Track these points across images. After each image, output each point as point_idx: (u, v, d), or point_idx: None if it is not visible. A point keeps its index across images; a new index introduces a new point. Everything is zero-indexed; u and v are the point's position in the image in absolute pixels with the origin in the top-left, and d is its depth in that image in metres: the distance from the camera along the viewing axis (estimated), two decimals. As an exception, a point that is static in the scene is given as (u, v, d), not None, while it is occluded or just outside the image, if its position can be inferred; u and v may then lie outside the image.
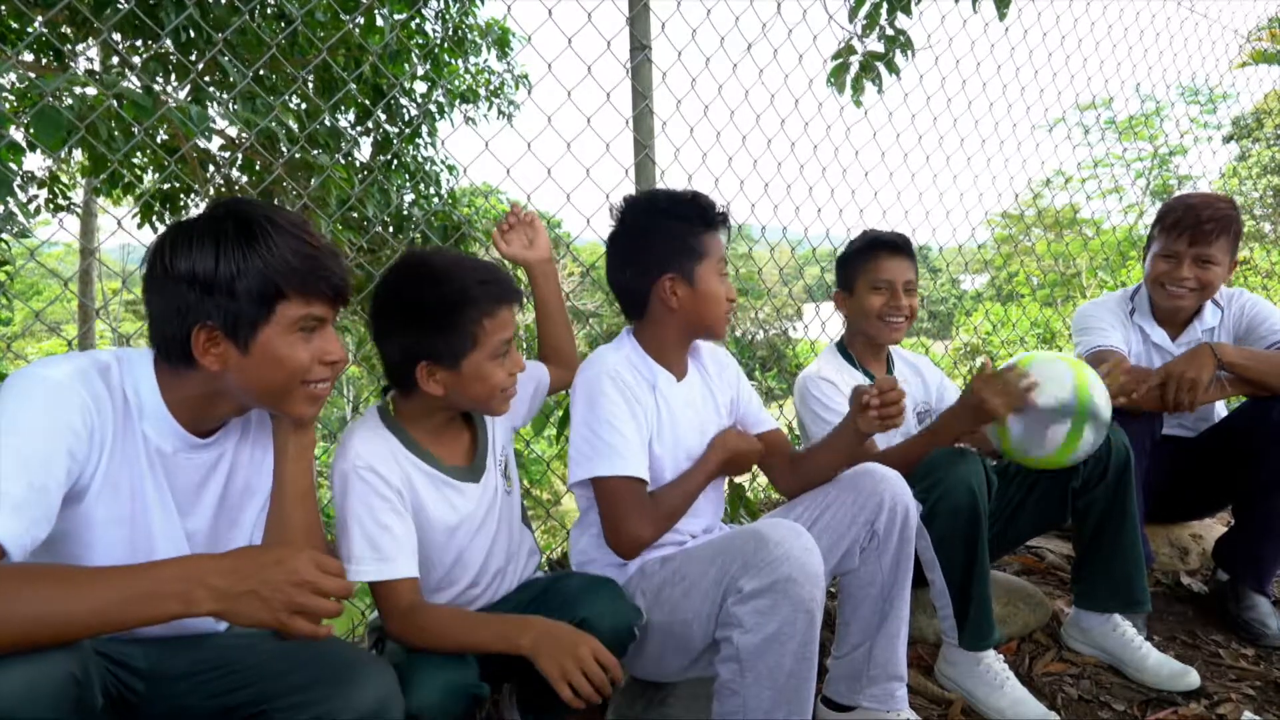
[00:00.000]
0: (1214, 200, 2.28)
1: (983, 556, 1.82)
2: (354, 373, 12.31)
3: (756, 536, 1.40)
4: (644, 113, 2.54)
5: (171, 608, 0.94)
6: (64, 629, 0.91)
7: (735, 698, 1.40)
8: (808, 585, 1.35)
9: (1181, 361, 2.12)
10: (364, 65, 4.44)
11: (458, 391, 1.44)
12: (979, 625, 1.84)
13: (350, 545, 1.36)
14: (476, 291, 1.39)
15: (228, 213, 1.14)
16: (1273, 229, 8.52)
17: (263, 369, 1.17)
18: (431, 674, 1.28)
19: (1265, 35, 7.15)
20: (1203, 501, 2.53)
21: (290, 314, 1.16)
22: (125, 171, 3.63)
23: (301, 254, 1.15)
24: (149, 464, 1.19)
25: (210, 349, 1.14)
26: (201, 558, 1.02)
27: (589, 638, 1.30)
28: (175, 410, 1.20)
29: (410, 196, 5.71)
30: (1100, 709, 1.90)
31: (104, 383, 1.14)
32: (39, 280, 13.69)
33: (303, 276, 1.15)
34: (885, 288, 2.10)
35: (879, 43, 3.00)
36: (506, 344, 1.44)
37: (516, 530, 1.67)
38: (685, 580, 1.51)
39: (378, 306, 1.45)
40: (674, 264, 1.66)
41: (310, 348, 1.20)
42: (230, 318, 1.13)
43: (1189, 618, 2.37)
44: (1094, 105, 5.13)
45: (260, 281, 1.12)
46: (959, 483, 1.77)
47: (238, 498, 1.31)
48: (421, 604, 1.39)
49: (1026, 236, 6.60)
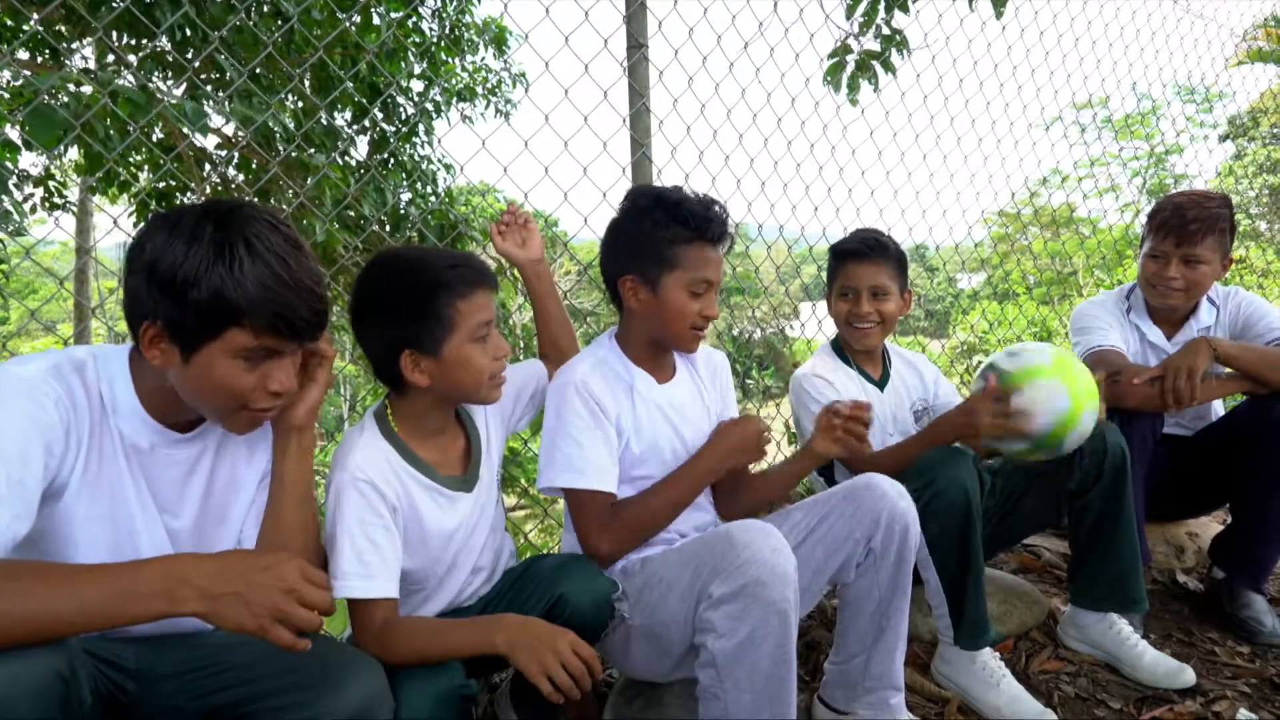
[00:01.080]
0: (1203, 199, 2.28)
1: (976, 556, 1.82)
2: (351, 371, 12.30)
3: (726, 539, 1.40)
4: (640, 111, 2.54)
5: (156, 606, 0.93)
6: (48, 627, 0.90)
7: (717, 702, 1.40)
8: (777, 586, 1.34)
9: (1178, 355, 2.13)
10: (360, 63, 4.43)
11: (444, 380, 1.43)
12: (974, 624, 1.85)
13: (338, 560, 1.34)
14: (448, 276, 1.40)
15: (216, 218, 1.09)
16: (1269, 228, 8.54)
17: (199, 383, 1.13)
18: (418, 685, 1.27)
19: (1261, 34, 7.17)
20: (1200, 500, 2.53)
21: (238, 341, 1.11)
22: (121, 170, 3.62)
23: (267, 286, 1.09)
24: (127, 461, 1.19)
25: (154, 345, 1.11)
26: (189, 557, 1.01)
27: (565, 631, 1.29)
28: (147, 404, 1.19)
29: (407, 195, 5.70)
30: (1096, 707, 1.90)
31: (79, 379, 1.14)
32: (35, 279, 13.68)
33: (261, 310, 1.09)
34: (850, 294, 2.10)
35: (875, 41, 3.00)
36: (485, 326, 1.43)
37: (500, 533, 1.67)
38: (662, 584, 1.50)
39: (355, 306, 1.45)
40: (638, 266, 1.62)
41: (254, 375, 1.15)
42: (175, 324, 1.09)
43: (1185, 616, 2.37)
44: (1090, 104, 5.12)
45: (214, 300, 1.07)
46: (952, 482, 1.77)
47: (223, 494, 1.30)
48: (394, 621, 1.37)
49: (1023, 235, 6.60)
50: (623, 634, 1.59)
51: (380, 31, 4.66)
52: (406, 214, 5.15)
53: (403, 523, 1.43)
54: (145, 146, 4.31)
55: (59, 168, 5.08)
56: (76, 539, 1.15)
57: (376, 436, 1.46)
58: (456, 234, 4.52)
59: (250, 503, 1.33)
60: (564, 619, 1.43)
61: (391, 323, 1.41)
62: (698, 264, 1.60)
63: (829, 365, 2.16)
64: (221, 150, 4.60)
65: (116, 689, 1.19)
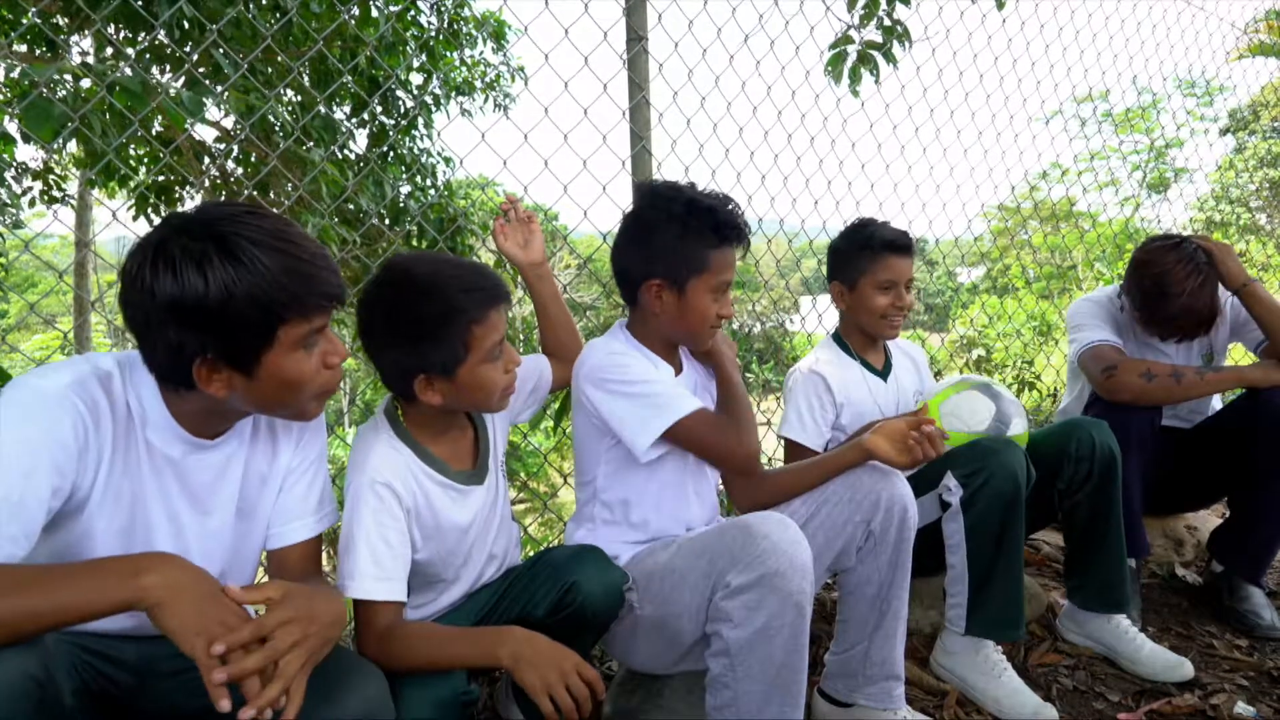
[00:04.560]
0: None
1: (1016, 546, 1.81)
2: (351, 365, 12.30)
3: (744, 530, 1.40)
4: (640, 104, 2.53)
5: (119, 592, 0.92)
6: (16, 624, 0.89)
7: (727, 691, 1.40)
8: (795, 578, 1.35)
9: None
10: (359, 56, 4.42)
11: (458, 399, 1.44)
12: (999, 614, 1.83)
13: (355, 560, 1.35)
14: (462, 301, 1.37)
15: (205, 233, 1.05)
16: (1268, 221, 8.53)
17: (271, 388, 1.13)
18: (420, 691, 1.28)
19: (1262, 27, 7.15)
20: (1199, 493, 2.54)
21: (293, 335, 1.11)
22: (120, 163, 3.61)
23: (293, 271, 1.08)
24: (155, 471, 1.18)
25: (214, 377, 1.10)
26: (165, 556, 1.00)
27: (571, 653, 1.28)
28: (180, 419, 1.18)
29: (406, 189, 5.69)
30: (1095, 700, 1.91)
31: (104, 391, 1.11)
32: (34, 272, 13.66)
33: (299, 296, 1.09)
34: (891, 289, 2.09)
35: (877, 33, 2.99)
36: (498, 345, 1.42)
37: (509, 522, 1.68)
38: (675, 574, 1.51)
39: (365, 323, 1.43)
40: (666, 270, 1.62)
41: (315, 359, 1.16)
42: (229, 348, 1.08)
43: (1183, 609, 2.38)
44: (1091, 98, 5.12)
45: (256, 309, 1.06)
46: (1003, 469, 1.76)
47: (253, 491, 1.31)
48: (398, 625, 1.36)
49: (1023, 229, 6.59)
50: (630, 624, 1.59)
51: (379, 24, 4.65)
52: (406, 207, 5.14)
53: (419, 521, 1.44)
54: (144, 140, 4.30)
55: (58, 161, 5.07)
56: (96, 553, 1.13)
57: (392, 437, 1.46)
58: (456, 228, 4.51)
59: (275, 496, 1.33)
60: (575, 607, 1.44)
61: (404, 347, 1.39)
62: (723, 267, 1.62)
63: (833, 359, 2.16)
64: (220, 144, 4.59)
65: (109, 683, 1.18)
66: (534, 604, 1.47)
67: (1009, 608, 1.83)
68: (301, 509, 1.35)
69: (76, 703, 1.05)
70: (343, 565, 1.37)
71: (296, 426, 1.36)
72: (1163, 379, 2.14)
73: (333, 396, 1.29)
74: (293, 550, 1.34)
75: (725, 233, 1.60)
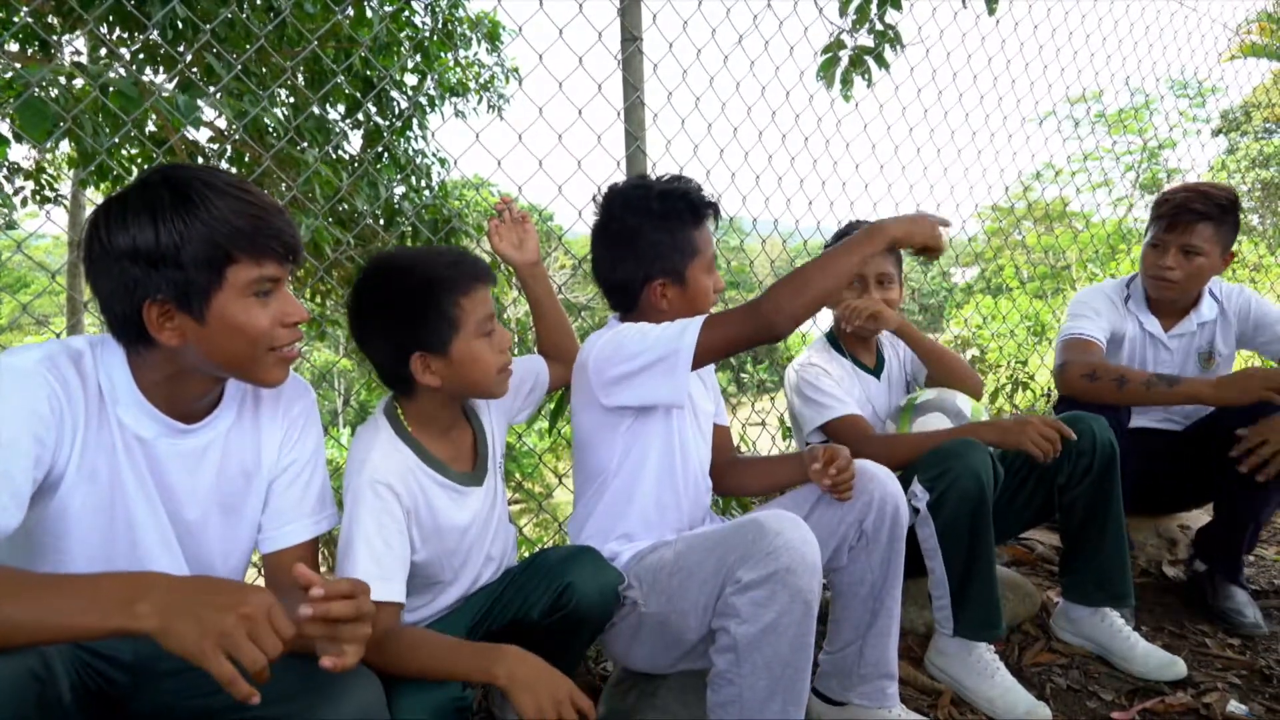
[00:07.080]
0: (1207, 190, 2.29)
1: (988, 547, 1.82)
2: (346, 366, 12.27)
3: (756, 526, 1.40)
4: (635, 104, 2.53)
5: (114, 618, 0.88)
6: (7, 636, 0.88)
7: (731, 687, 1.40)
8: (806, 576, 1.35)
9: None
10: (353, 57, 4.41)
11: (455, 379, 1.44)
12: (983, 616, 1.84)
13: (355, 561, 1.34)
14: (447, 274, 1.40)
15: (162, 179, 1.10)
16: (1260, 222, 8.57)
17: (223, 338, 1.14)
18: (415, 696, 1.27)
19: (1255, 28, 7.18)
20: (1190, 493, 2.55)
21: (242, 277, 1.12)
22: (113, 164, 3.60)
23: (245, 214, 1.11)
24: (126, 451, 1.17)
25: (165, 323, 1.11)
26: (162, 574, 0.95)
27: (566, 680, 1.27)
28: (150, 394, 1.18)
29: (401, 189, 5.68)
30: (1088, 699, 1.91)
31: (75, 369, 1.13)
32: (27, 273, 13.60)
33: (250, 237, 1.11)
34: (856, 283, 2.10)
35: (869, 37, 2.99)
36: (489, 320, 1.43)
37: (506, 524, 1.68)
38: (684, 569, 1.50)
39: (355, 312, 1.45)
40: (665, 268, 1.64)
41: (269, 311, 1.16)
42: (180, 288, 1.09)
43: (1176, 608, 2.38)
44: (1084, 98, 5.14)
45: (206, 247, 1.09)
46: (968, 471, 1.77)
47: (236, 484, 1.29)
48: (396, 629, 1.36)
49: (1017, 230, 6.61)
50: (631, 623, 1.58)
51: (373, 25, 4.64)
52: (400, 208, 5.13)
53: (419, 521, 1.44)
54: (138, 140, 4.28)
55: (50, 161, 5.05)
56: (70, 530, 1.14)
57: (393, 437, 1.46)
58: (450, 228, 4.51)
59: (265, 494, 1.32)
60: (570, 608, 1.43)
61: (396, 326, 1.40)
62: (707, 243, 1.68)
63: (824, 357, 2.17)
64: (214, 144, 4.58)
65: (106, 682, 1.17)
66: (529, 605, 1.46)
67: (988, 607, 1.84)
68: (297, 511, 1.34)
69: (74, 700, 1.04)
70: (342, 566, 1.36)
71: (283, 419, 1.34)
72: (1106, 382, 2.15)
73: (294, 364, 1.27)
74: (288, 554, 1.32)
75: (702, 210, 1.66)
